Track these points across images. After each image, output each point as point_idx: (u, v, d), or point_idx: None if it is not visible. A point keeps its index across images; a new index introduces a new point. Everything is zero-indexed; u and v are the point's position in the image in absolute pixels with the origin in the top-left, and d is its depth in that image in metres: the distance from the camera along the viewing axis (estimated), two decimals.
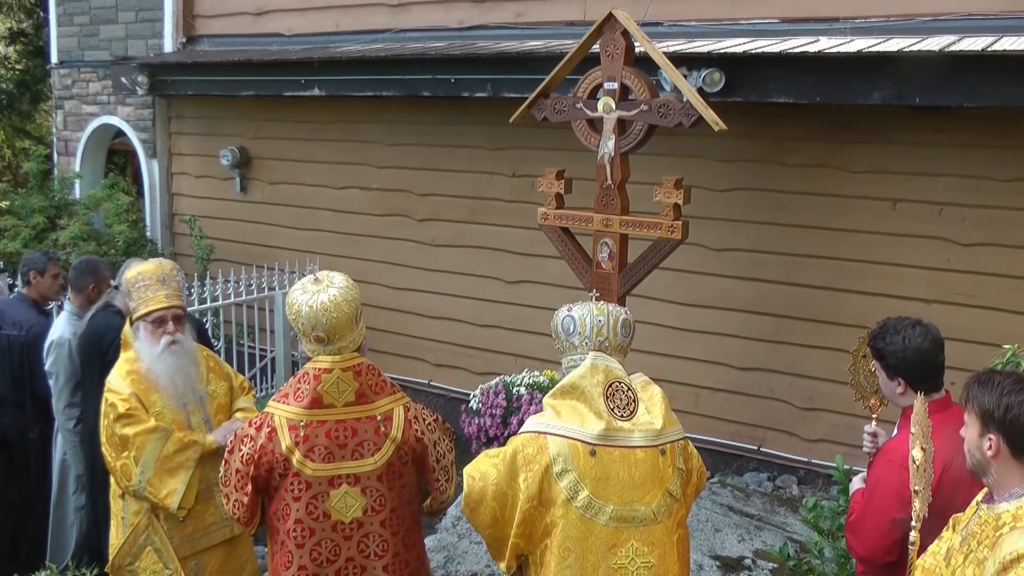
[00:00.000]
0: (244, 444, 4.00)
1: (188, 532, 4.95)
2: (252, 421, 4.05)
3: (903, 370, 3.99)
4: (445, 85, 8.54)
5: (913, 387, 3.95)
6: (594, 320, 3.79)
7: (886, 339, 4.03)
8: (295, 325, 4.03)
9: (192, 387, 4.99)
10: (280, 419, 3.97)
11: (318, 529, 3.99)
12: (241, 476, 4.01)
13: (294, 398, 4.00)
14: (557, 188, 6.70)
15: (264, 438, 3.96)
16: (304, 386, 4.01)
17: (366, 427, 4.04)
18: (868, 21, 7.41)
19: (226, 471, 4.08)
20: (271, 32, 11.03)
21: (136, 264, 5.08)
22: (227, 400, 5.18)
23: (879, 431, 4.42)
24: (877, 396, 4.51)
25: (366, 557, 4.06)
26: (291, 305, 4.04)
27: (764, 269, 7.83)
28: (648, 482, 3.53)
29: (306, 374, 4.03)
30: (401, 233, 9.99)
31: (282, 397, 4.04)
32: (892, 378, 4.04)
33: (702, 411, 8.15)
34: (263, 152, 11.10)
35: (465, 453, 8.45)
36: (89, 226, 11.00)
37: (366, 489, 4.03)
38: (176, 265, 5.14)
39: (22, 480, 6.81)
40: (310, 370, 4.03)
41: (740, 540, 6.72)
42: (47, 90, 19.40)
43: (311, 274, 4.21)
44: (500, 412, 6.68)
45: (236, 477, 4.03)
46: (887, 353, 4.02)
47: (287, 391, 4.04)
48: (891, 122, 7.20)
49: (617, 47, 6.19)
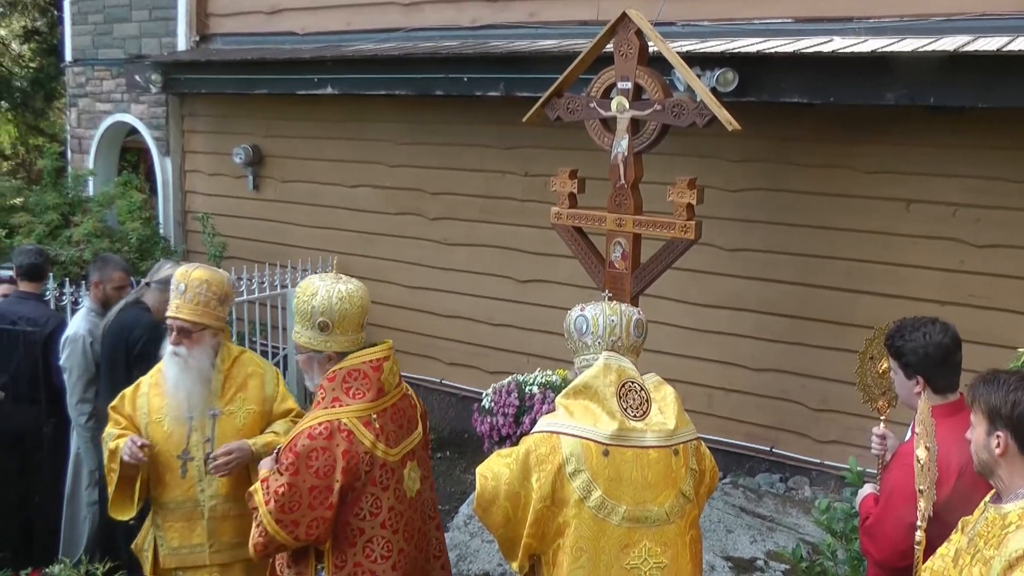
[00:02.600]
0: (314, 459, 3.88)
1: (175, 544, 4.88)
2: (311, 434, 3.91)
3: (922, 368, 3.95)
4: (458, 84, 8.54)
5: (931, 386, 3.93)
6: (607, 320, 3.78)
7: (905, 336, 4.00)
8: (301, 307, 4.02)
9: (193, 404, 4.80)
10: (351, 420, 3.96)
11: (404, 510, 4.13)
12: (319, 491, 3.89)
13: (354, 396, 4.01)
14: (570, 187, 6.70)
15: (344, 443, 3.91)
16: (361, 382, 4.03)
17: (405, 404, 4.25)
18: (882, 21, 7.39)
19: (289, 496, 3.87)
20: (284, 31, 11.04)
21: (182, 267, 5.01)
22: (249, 423, 4.87)
23: (888, 433, 4.41)
24: (885, 398, 4.51)
25: (424, 523, 4.27)
26: (306, 288, 4.06)
27: (777, 270, 7.81)
28: (661, 482, 3.53)
29: (356, 371, 4.04)
30: (413, 232, 9.99)
31: (333, 401, 4.00)
32: (910, 377, 4.00)
33: (715, 412, 8.13)
34: (276, 150, 11.12)
35: (477, 452, 8.48)
36: (103, 223, 11.02)
37: (419, 460, 4.28)
38: (208, 279, 4.82)
39: (36, 475, 6.85)
40: (361, 366, 4.06)
41: (752, 541, 6.71)
42: (61, 88, 19.48)
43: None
44: (512, 411, 6.68)
45: (311, 496, 3.88)
46: (907, 351, 3.98)
47: (335, 395, 4.01)
48: (904, 122, 7.17)
49: (631, 47, 6.18)
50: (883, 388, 4.52)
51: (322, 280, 4.08)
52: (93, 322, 6.36)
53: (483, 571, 6.33)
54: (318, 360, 4.11)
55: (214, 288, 4.81)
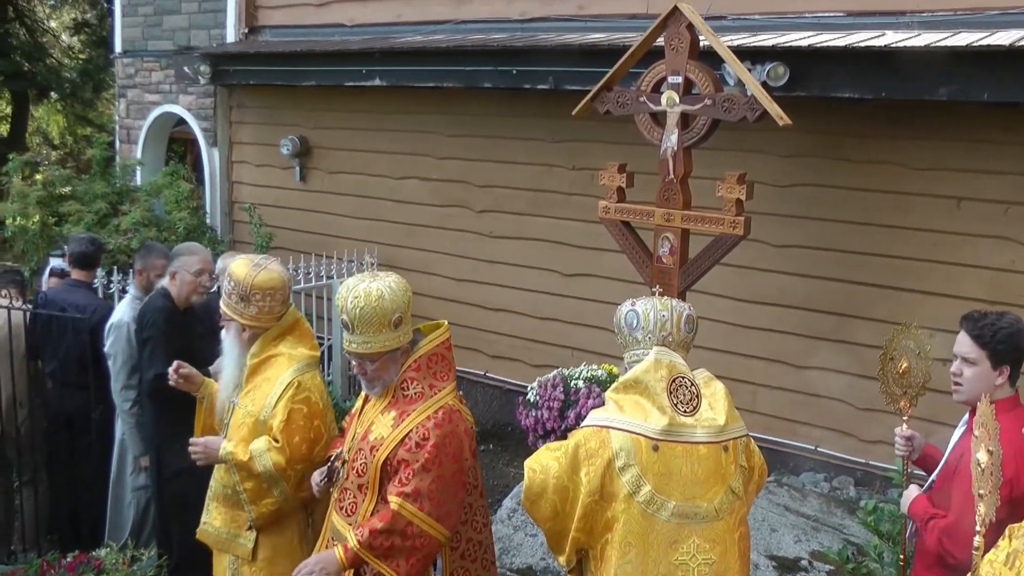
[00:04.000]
0: (448, 445, 3.91)
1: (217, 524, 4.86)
2: (437, 423, 3.91)
3: (1012, 354, 3.91)
4: (507, 77, 8.54)
5: (1012, 378, 3.92)
6: (658, 315, 3.77)
7: (995, 324, 3.93)
8: (370, 313, 3.97)
9: (225, 387, 4.86)
10: (453, 401, 4.07)
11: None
12: (458, 475, 3.97)
13: (442, 379, 4.10)
14: (619, 181, 6.69)
15: (461, 423, 4.03)
16: (441, 364, 4.13)
17: None
18: (935, 15, 7.30)
19: (440, 490, 3.88)
20: (332, 23, 11.07)
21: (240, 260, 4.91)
22: (245, 423, 4.63)
23: (915, 433, 4.41)
24: (906, 397, 4.52)
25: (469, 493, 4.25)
26: (342, 284, 4.08)
27: (824, 267, 7.74)
28: (710, 479, 3.52)
29: (435, 355, 4.13)
30: (460, 224, 10.00)
31: (431, 388, 4.04)
32: (997, 367, 3.93)
33: (759, 409, 8.08)
34: (323, 142, 11.16)
35: (520, 445, 8.48)
36: (150, 212, 11.10)
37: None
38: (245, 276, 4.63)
39: (83, 460, 6.92)
40: (437, 349, 4.15)
41: (796, 541, 6.67)
42: (109, 79, 19.67)
43: (372, 265, 4.22)
44: (558, 405, 6.66)
45: (455, 482, 3.93)
46: (1002, 336, 3.90)
47: (429, 382, 4.06)
48: (956, 118, 7.08)
49: (682, 40, 6.15)
50: (904, 388, 4.54)
51: (357, 277, 4.08)
52: (137, 309, 6.43)
53: (526, 564, 6.33)
54: (393, 357, 4.07)
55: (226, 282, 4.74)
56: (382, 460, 3.92)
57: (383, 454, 3.92)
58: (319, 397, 4.63)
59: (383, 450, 3.92)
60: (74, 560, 5.36)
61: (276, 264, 4.77)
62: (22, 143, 22.94)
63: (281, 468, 4.44)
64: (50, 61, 22.78)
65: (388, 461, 3.92)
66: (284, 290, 4.70)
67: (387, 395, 4.09)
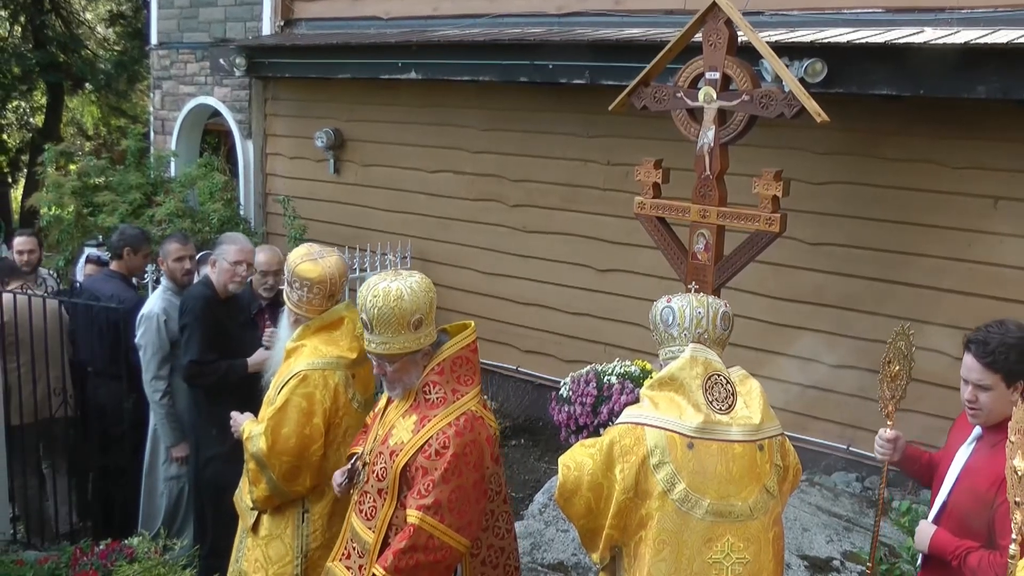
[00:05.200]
0: (469, 454, 3.84)
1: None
2: (458, 431, 3.83)
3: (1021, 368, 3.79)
4: (543, 71, 8.52)
5: None
6: (694, 312, 3.75)
7: (1003, 342, 3.80)
8: (388, 315, 3.90)
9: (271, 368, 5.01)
10: (476, 407, 3.99)
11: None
12: (479, 484, 3.90)
13: (466, 383, 4.01)
14: (655, 177, 6.66)
15: (483, 430, 3.95)
16: (466, 368, 4.04)
17: None
18: (975, 11, 7.24)
19: (460, 500, 3.80)
20: (368, 15, 11.09)
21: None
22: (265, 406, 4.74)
23: (899, 435, 4.45)
24: (892, 402, 4.59)
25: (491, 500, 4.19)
26: (364, 282, 4.04)
27: (859, 265, 7.70)
28: (745, 477, 3.50)
29: (459, 358, 4.02)
30: (493, 218, 10.00)
31: (454, 393, 3.96)
32: (1011, 384, 3.80)
33: (792, 408, 8.03)
34: (358, 134, 11.18)
35: (552, 440, 8.48)
36: (184, 203, 11.16)
37: None
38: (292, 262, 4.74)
39: (116, 449, 6.97)
40: (462, 352, 4.04)
41: (828, 541, 6.64)
42: (144, 70, 19.77)
43: (406, 259, 4.20)
44: (591, 401, 6.65)
45: (475, 491, 3.87)
46: (1015, 357, 3.78)
47: (452, 386, 3.97)
48: (995, 117, 7.02)
49: (720, 36, 6.12)
50: (893, 392, 4.59)
51: (379, 275, 4.02)
52: (168, 300, 6.48)
53: (557, 560, 6.32)
54: (414, 360, 3.99)
55: (289, 272, 4.79)
56: (401, 466, 3.87)
57: (402, 460, 3.86)
58: (325, 396, 4.58)
59: (403, 456, 3.86)
60: (107, 548, 5.41)
61: (332, 259, 4.79)
62: (57, 134, 23.10)
63: (264, 454, 4.48)
64: (85, 52, 22.91)
65: (407, 467, 3.86)
66: (326, 285, 4.70)
67: (409, 398, 4.01)
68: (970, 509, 3.90)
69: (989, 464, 3.82)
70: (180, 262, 6.60)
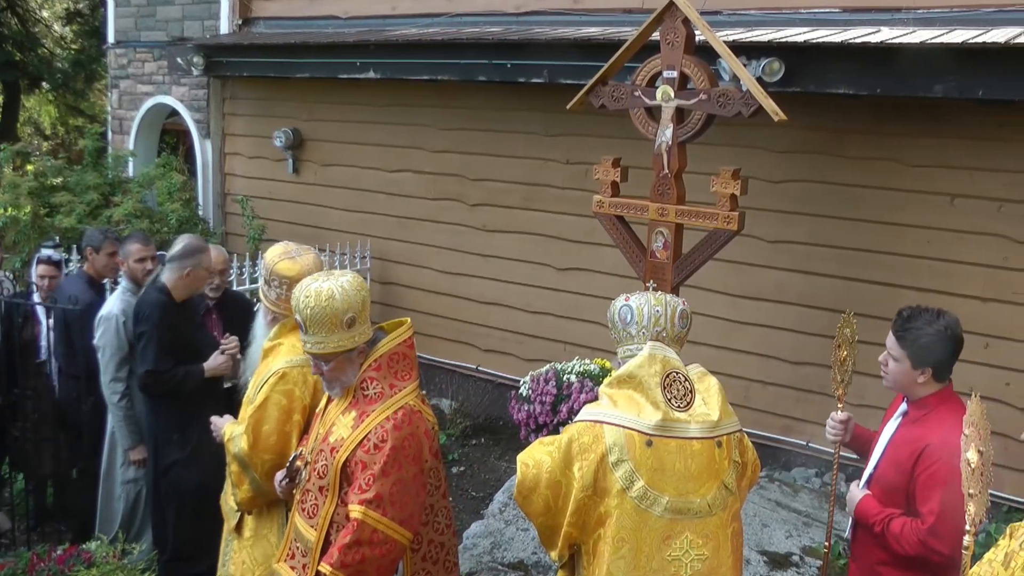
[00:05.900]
0: (407, 447, 3.86)
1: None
2: (396, 424, 3.86)
3: (932, 359, 4.04)
4: (501, 70, 8.52)
5: (936, 376, 4.06)
6: (652, 310, 3.76)
7: (921, 328, 4.07)
8: (321, 315, 3.90)
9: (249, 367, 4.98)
10: (414, 401, 4.01)
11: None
12: (419, 477, 3.92)
13: (403, 378, 4.03)
14: (613, 176, 6.67)
15: (421, 424, 3.98)
16: (403, 363, 4.05)
17: None
18: (931, 11, 7.29)
19: (401, 492, 3.82)
20: (327, 14, 11.06)
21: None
22: (244, 405, 4.74)
23: (849, 416, 4.70)
24: (843, 386, 4.81)
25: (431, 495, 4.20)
26: (298, 284, 4.04)
27: (819, 263, 7.74)
28: (704, 474, 3.51)
29: (396, 354, 4.04)
30: (453, 218, 9.98)
31: (391, 388, 3.97)
32: (917, 367, 4.06)
33: (752, 404, 8.07)
34: (317, 134, 11.13)
35: (512, 439, 8.47)
36: (142, 204, 11.09)
37: None
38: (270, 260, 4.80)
39: (74, 451, 6.91)
40: (398, 348, 4.06)
41: (788, 536, 6.67)
42: (102, 69, 19.64)
43: (364, 259, 4.19)
44: (550, 399, 6.65)
45: (415, 484, 3.89)
46: (924, 343, 4.05)
47: (389, 381, 3.98)
48: (952, 115, 7.08)
49: (678, 35, 6.13)
50: (843, 376, 4.82)
51: (313, 276, 4.04)
52: (127, 301, 6.39)
53: (517, 559, 6.32)
54: (349, 358, 4.00)
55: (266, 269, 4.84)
56: (342, 462, 3.88)
57: (343, 455, 3.88)
58: (305, 393, 4.57)
59: (343, 452, 3.88)
60: (64, 553, 5.36)
61: (309, 257, 4.80)
62: (13, 133, 22.91)
63: (246, 453, 4.47)
64: (42, 51, 22.75)
65: (347, 463, 3.87)
66: None
67: (348, 395, 4.02)
68: (893, 479, 4.16)
69: (911, 438, 4.11)
70: (142, 263, 6.51)
